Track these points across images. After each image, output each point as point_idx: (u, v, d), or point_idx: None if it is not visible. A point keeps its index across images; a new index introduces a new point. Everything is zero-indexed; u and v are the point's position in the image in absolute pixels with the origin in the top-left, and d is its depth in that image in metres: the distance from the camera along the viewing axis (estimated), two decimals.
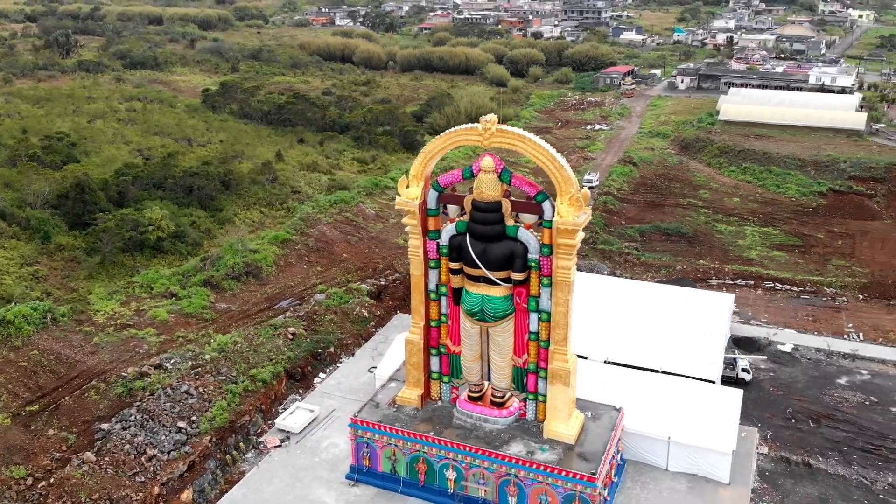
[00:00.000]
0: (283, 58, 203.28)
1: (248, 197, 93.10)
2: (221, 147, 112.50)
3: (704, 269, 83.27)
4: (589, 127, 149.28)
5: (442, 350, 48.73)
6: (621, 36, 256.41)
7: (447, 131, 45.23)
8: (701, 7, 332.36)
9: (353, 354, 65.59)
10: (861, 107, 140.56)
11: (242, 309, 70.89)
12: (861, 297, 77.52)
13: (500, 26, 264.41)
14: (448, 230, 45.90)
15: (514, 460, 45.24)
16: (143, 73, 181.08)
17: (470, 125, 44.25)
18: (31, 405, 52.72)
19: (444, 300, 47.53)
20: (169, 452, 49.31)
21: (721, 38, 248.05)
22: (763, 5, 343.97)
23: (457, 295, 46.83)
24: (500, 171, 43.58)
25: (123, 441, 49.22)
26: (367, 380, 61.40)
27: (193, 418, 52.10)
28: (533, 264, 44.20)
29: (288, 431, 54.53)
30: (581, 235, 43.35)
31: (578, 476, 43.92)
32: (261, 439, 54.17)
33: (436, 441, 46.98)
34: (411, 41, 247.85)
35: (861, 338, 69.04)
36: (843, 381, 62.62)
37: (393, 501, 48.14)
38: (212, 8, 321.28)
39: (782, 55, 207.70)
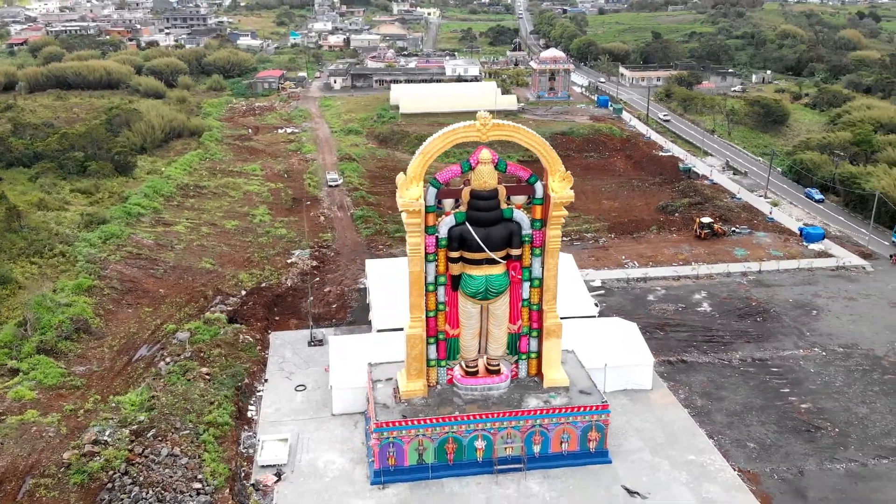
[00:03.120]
0: None
1: (10, 250, 78.83)
2: None
3: None
4: (281, 131, 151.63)
5: (440, 336, 52.08)
6: (238, 41, 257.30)
7: (444, 130, 48.73)
8: (294, 11, 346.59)
9: (266, 381, 63.20)
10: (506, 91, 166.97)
11: (106, 367, 62.94)
12: (612, 235, 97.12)
13: (108, 37, 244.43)
14: (446, 222, 49.49)
15: (537, 412, 51.40)
16: None
17: (468, 122, 48.54)
18: None
19: (441, 290, 50.98)
20: None
21: (334, 40, 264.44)
22: (344, 7, 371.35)
23: (455, 282, 50.76)
24: (496, 161, 48.78)
25: None
26: (303, 398, 60.69)
27: (199, 476, 47.27)
28: (526, 239, 50.49)
29: (277, 465, 52.24)
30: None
31: (594, 408, 52.00)
32: (251, 482, 51.03)
33: (464, 418, 50.68)
34: (9, 59, 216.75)
35: (636, 265, 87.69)
36: (652, 298, 79.91)
37: (429, 488, 50.57)
38: None
39: (405, 52, 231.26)
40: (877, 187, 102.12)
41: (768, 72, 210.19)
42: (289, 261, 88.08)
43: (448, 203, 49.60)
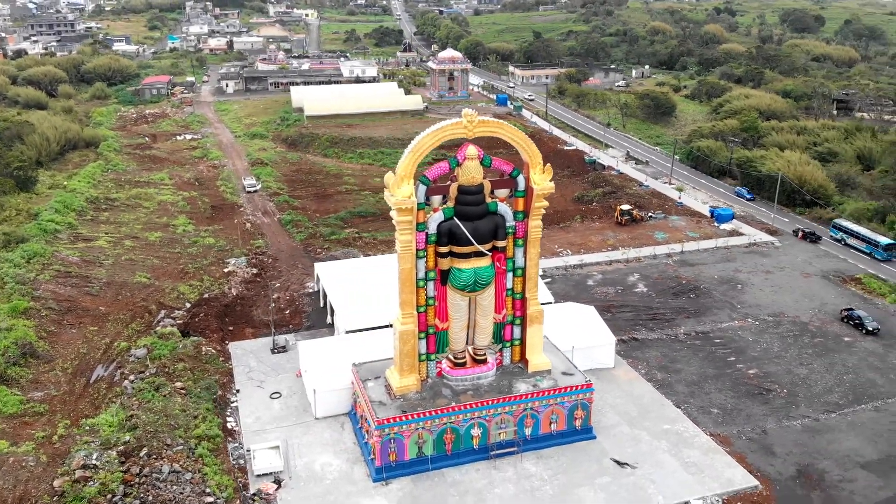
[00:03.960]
0: None
1: None
2: None
3: None
4: (180, 137, 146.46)
5: (430, 331, 53.10)
6: (113, 47, 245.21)
7: (433, 128, 49.77)
8: (165, 14, 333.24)
9: (238, 391, 61.87)
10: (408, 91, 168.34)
11: (65, 390, 59.92)
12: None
13: None
14: (435, 218, 50.62)
15: (528, 396, 53.43)
16: None
17: (455, 120, 49.81)
18: None
19: (430, 285, 52.01)
20: None
21: (215, 43, 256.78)
22: (218, 9, 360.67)
23: (444, 277, 51.95)
24: (481, 157, 50.35)
25: None
26: (281, 405, 60.08)
27: (206, 490, 46.11)
28: (510, 231, 52.40)
29: (273, 473, 51.59)
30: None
31: (579, 387, 54.62)
32: (252, 491, 50.19)
33: (462, 407, 51.97)
34: None
35: (570, 252, 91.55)
36: (591, 282, 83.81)
37: (431, 479, 51.57)
38: None
39: (293, 54, 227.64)
40: (773, 169, 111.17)
41: (646, 67, 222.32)
42: (225, 270, 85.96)
43: (436, 199, 50.69)
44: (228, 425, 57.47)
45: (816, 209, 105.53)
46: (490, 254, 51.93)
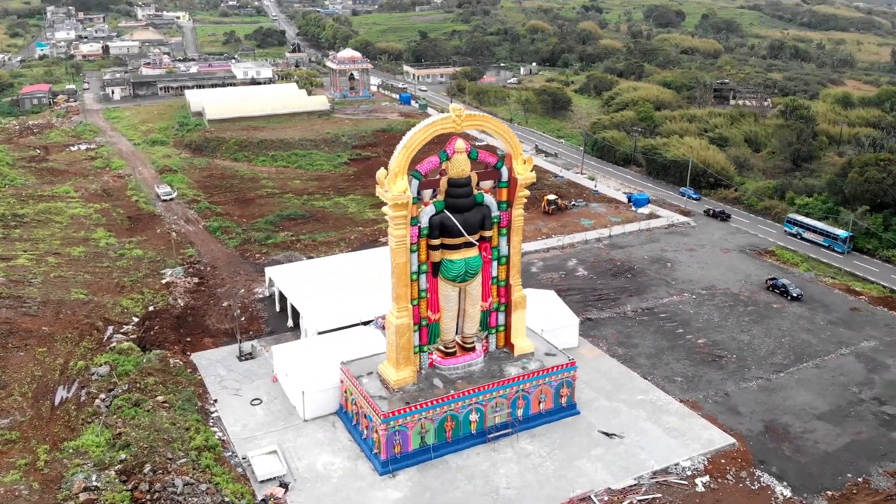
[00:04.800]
0: None
1: None
2: None
3: (369, 233, 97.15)
4: (74, 148, 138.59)
5: (423, 323, 54.11)
6: None
7: (423, 124, 50.79)
8: (26, 20, 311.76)
9: (215, 401, 60.34)
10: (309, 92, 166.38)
11: (32, 415, 56.54)
12: None
13: None
14: (427, 212, 51.68)
15: (519, 378, 55.49)
16: None
17: (444, 115, 51.14)
18: None
19: (422, 278, 53.03)
20: None
21: (88, 48, 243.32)
22: (82, 13, 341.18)
23: (435, 269, 53.11)
24: (469, 150, 51.85)
25: None
26: (264, 411, 59.39)
27: (226, 499, 45.20)
28: (495, 220, 54.22)
29: (278, 477, 51.07)
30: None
31: (564, 366, 57.24)
32: (261, 497, 49.50)
33: (461, 395, 53.36)
34: None
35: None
36: (535, 269, 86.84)
37: (436, 467, 52.71)
38: None
39: (175, 58, 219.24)
40: (677, 155, 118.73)
41: (533, 64, 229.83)
42: (163, 281, 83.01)
43: (426, 193, 51.72)
44: (216, 436, 56.20)
45: (721, 190, 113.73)
46: (478, 244, 53.55)
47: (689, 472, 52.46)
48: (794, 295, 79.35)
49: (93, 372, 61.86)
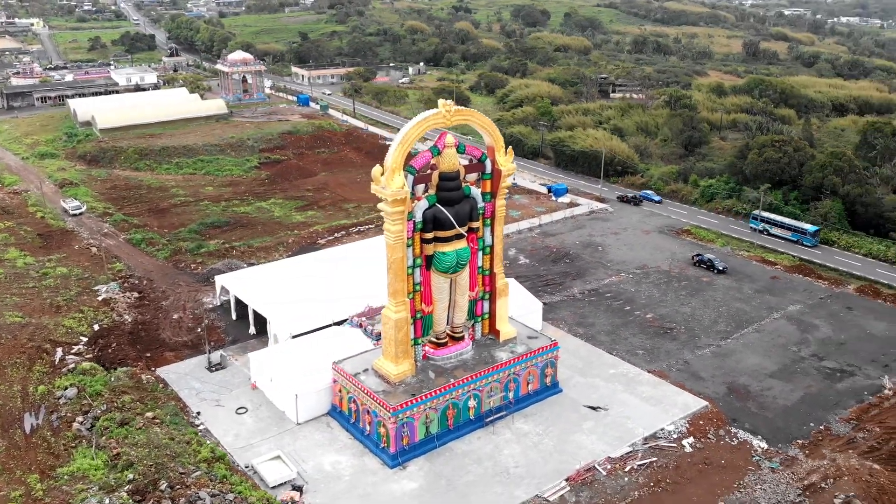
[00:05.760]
0: None
1: None
2: None
3: (306, 236, 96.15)
4: None
5: (418, 316, 55.15)
6: None
7: (416, 120, 51.75)
8: None
9: (198, 413, 58.56)
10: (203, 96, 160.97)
11: (6, 445, 53.07)
12: None
13: None
14: (420, 206, 52.82)
15: (511, 362, 57.65)
16: None
17: (434, 110, 52.13)
18: None
19: (417, 272, 54.10)
20: None
21: None
22: None
23: (428, 262, 54.29)
24: (457, 144, 53.35)
25: None
26: (253, 418, 58.52)
27: None
28: (480, 211, 56.03)
29: (289, 481, 50.64)
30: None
31: (548, 347, 59.90)
32: (282, 500, 48.95)
33: (460, 383, 54.84)
34: None
35: None
36: None
37: (442, 454, 54.00)
38: None
39: (49, 66, 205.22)
40: (584, 146, 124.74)
41: (421, 64, 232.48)
42: (100, 298, 79.05)
43: (419, 188, 52.77)
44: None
45: (628, 177, 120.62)
46: (467, 235, 55.19)
47: (675, 436, 56.46)
48: (720, 268, 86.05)
49: (60, 395, 58.52)
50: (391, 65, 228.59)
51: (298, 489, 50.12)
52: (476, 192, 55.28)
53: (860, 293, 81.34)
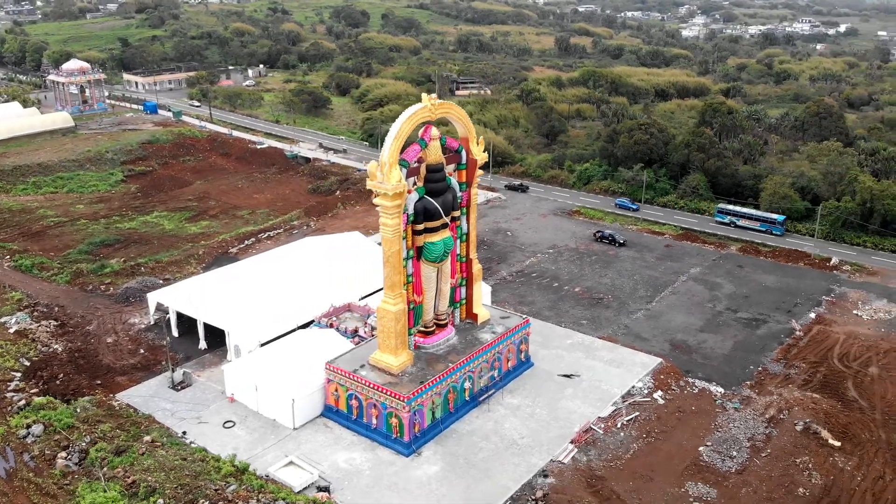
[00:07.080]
0: None
1: None
2: None
3: (217, 245, 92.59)
4: None
5: (410, 306, 56.54)
6: None
7: (407, 114, 52.87)
8: None
9: (184, 433, 55.99)
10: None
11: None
12: (315, 219, 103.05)
13: None
14: (411, 199, 54.28)
15: (496, 342, 60.62)
16: None
17: (422, 105, 53.63)
18: None
19: (409, 264, 55.51)
20: None
21: None
22: None
23: (419, 252, 55.89)
24: (440, 137, 55.33)
25: None
26: (245, 430, 57.14)
27: None
28: (459, 200, 58.38)
29: (313, 483, 50.37)
30: None
31: (522, 324, 63.47)
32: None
33: (458, 366, 56.98)
34: None
35: (372, 233, 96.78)
36: None
37: (450, 437, 55.99)
38: None
39: None
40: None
41: (261, 66, 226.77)
42: (11, 330, 72.39)
43: (409, 182, 54.13)
44: None
45: (508, 167, 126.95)
46: (450, 224, 57.36)
47: (645, 391, 62.14)
48: (621, 241, 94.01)
49: (25, 434, 53.74)
50: (230, 67, 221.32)
51: (325, 489, 50.07)
52: (455, 182, 57.55)
53: (743, 252, 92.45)
